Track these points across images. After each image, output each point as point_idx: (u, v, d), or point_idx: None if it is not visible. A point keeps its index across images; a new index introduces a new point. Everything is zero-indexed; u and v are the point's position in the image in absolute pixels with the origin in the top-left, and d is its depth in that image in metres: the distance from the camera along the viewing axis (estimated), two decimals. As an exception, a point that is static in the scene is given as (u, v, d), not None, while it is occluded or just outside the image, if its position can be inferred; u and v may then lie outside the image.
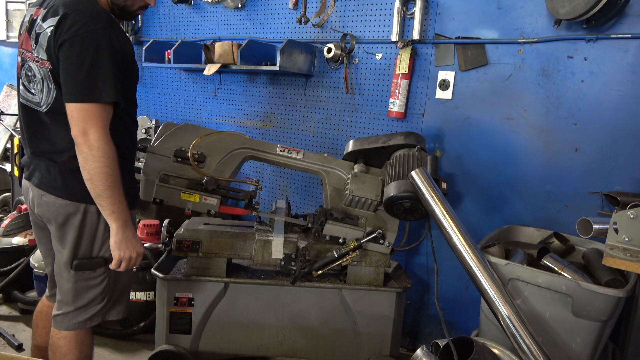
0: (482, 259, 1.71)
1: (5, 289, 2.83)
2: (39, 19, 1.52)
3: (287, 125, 3.04)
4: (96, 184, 1.47)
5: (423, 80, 2.51)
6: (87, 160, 1.46)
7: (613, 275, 1.78)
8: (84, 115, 1.42)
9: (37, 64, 1.53)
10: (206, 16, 3.28)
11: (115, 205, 1.52)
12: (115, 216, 1.53)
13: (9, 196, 4.11)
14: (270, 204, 3.11)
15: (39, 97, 1.56)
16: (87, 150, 1.44)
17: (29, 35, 1.55)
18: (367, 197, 2.12)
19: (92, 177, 1.47)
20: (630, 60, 2.00)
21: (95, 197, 1.51)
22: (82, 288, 1.67)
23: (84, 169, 1.48)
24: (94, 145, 1.44)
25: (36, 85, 1.56)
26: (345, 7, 2.70)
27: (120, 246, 1.57)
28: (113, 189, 1.50)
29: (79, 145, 1.45)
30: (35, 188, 1.62)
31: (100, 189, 1.49)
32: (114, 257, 1.60)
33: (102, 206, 1.52)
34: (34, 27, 1.53)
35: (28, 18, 1.61)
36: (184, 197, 2.05)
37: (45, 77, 1.52)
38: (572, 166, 2.18)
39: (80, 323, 1.70)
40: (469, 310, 2.48)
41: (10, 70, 5.18)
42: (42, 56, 1.50)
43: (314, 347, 2.28)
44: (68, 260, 1.64)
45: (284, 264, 2.12)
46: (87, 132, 1.43)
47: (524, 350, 1.58)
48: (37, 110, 1.58)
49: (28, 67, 1.58)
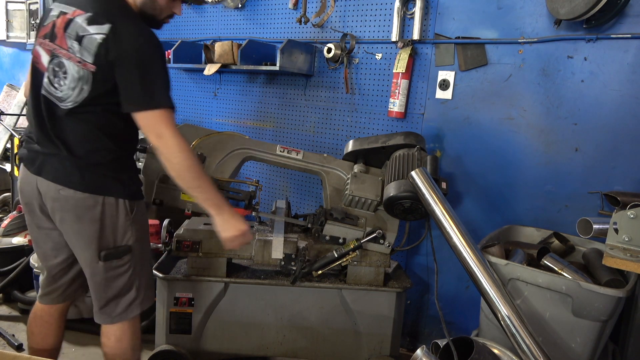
0: (482, 259, 1.71)
1: (5, 289, 2.83)
2: (80, 22, 1.55)
3: (287, 125, 3.04)
4: (184, 177, 1.60)
5: (423, 80, 2.51)
6: (169, 159, 1.57)
7: (613, 275, 1.78)
8: (155, 121, 1.53)
9: (77, 64, 1.54)
10: (206, 16, 3.28)
11: (206, 192, 1.65)
12: (209, 203, 1.67)
13: (9, 196, 4.10)
14: (270, 204, 3.11)
15: (63, 94, 1.57)
16: (167, 150, 1.55)
17: (65, 33, 1.56)
18: (367, 197, 2.12)
19: (179, 173, 1.59)
20: (630, 60, 2.00)
21: (187, 190, 1.65)
22: (111, 277, 1.71)
23: (170, 169, 1.58)
24: (171, 143, 1.54)
25: (64, 82, 1.57)
26: (345, 7, 2.70)
27: (223, 229, 1.72)
28: (200, 178, 1.62)
29: (158, 149, 1.56)
30: (50, 183, 1.62)
31: (189, 182, 1.61)
32: (222, 241, 1.74)
33: (195, 197, 1.67)
34: (74, 28, 1.55)
35: (57, 13, 1.61)
36: (184, 197, 2.05)
37: (83, 78, 1.54)
38: (572, 166, 2.18)
39: (120, 315, 1.74)
40: (469, 310, 2.48)
41: (10, 70, 5.18)
42: (86, 59, 1.53)
43: (314, 347, 2.28)
44: (95, 253, 1.66)
45: (284, 264, 2.12)
46: (162, 135, 1.54)
47: (524, 350, 1.58)
48: (56, 104, 1.59)
49: (59, 63, 1.58)
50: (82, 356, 2.47)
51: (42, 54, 1.64)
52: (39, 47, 1.65)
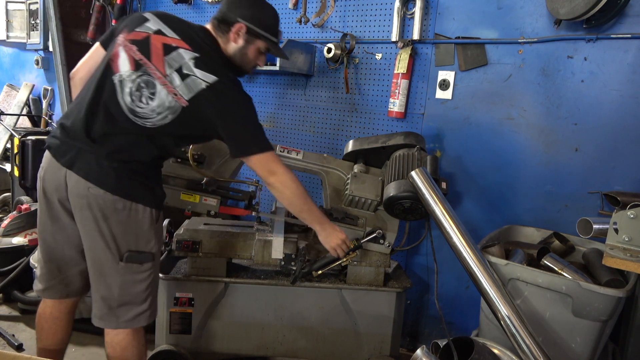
0: (482, 259, 1.71)
1: (5, 289, 2.83)
2: (186, 58, 1.62)
3: (286, 125, 3.04)
4: (295, 204, 1.85)
5: (423, 80, 2.51)
6: (283, 192, 1.78)
7: (613, 275, 1.78)
8: (266, 161, 1.73)
9: (172, 94, 1.62)
10: (206, 16, 3.28)
11: (312, 214, 1.91)
12: (314, 221, 1.94)
13: (9, 196, 4.10)
14: (270, 204, 3.11)
15: (144, 112, 1.63)
16: (280, 184, 1.76)
17: (164, 58, 1.62)
18: (366, 197, 2.12)
19: (292, 201, 1.83)
20: (630, 60, 2.00)
21: (297, 214, 1.91)
22: (129, 282, 1.70)
23: (283, 198, 1.82)
24: (283, 178, 1.76)
25: (150, 103, 1.62)
26: (345, 7, 2.70)
27: (326, 241, 1.99)
28: (307, 203, 1.86)
29: (272, 184, 1.76)
30: (80, 178, 1.61)
31: (299, 208, 1.86)
32: (329, 250, 2.02)
33: (304, 219, 1.94)
34: (178, 60, 1.62)
35: (154, 28, 1.67)
36: (184, 197, 2.05)
37: (172, 108, 1.63)
38: (572, 166, 2.18)
39: (127, 322, 1.73)
40: (469, 310, 2.48)
41: (10, 70, 5.17)
42: (183, 95, 1.61)
43: (314, 347, 2.28)
44: (115, 253, 1.66)
45: (284, 264, 2.12)
46: (274, 172, 1.75)
47: (524, 350, 1.58)
48: (125, 114, 1.63)
49: (148, 82, 1.63)
50: (82, 356, 2.47)
51: (123, 57, 1.66)
52: (122, 49, 1.67)
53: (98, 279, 1.71)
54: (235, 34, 1.76)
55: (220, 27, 1.77)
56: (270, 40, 1.84)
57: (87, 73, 1.80)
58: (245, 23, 1.76)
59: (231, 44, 1.78)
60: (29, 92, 4.70)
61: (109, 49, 1.73)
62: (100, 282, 1.70)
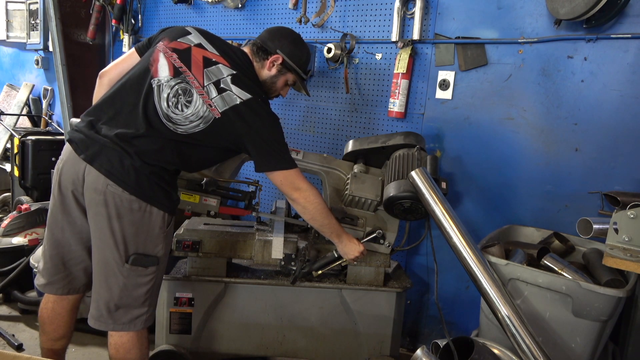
0: (482, 259, 1.71)
1: (5, 289, 2.83)
2: (225, 74, 1.72)
3: (286, 125, 3.04)
4: (317, 219, 1.90)
5: (423, 80, 2.51)
6: (306, 207, 1.85)
7: (613, 275, 1.78)
8: (292, 178, 1.80)
9: (207, 105, 1.69)
10: (206, 16, 3.28)
11: (332, 228, 1.96)
12: (334, 235, 1.98)
13: (9, 196, 4.11)
14: (270, 204, 3.11)
15: (177, 119, 1.69)
16: (304, 200, 1.83)
17: (204, 71, 1.71)
18: (366, 197, 2.12)
19: (314, 216, 1.88)
20: (630, 60, 2.00)
21: (318, 228, 1.97)
22: (131, 285, 1.70)
23: (305, 213, 1.88)
24: (307, 194, 1.83)
25: (185, 110, 1.69)
26: (345, 7, 2.70)
27: (344, 252, 2.04)
28: (328, 217, 1.92)
29: (296, 200, 1.84)
30: (99, 175, 1.62)
31: (320, 222, 1.92)
32: (348, 260, 2.08)
33: (324, 233, 1.98)
34: (216, 74, 1.71)
35: (196, 41, 1.78)
36: (184, 197, 2.05)
37: (205, 118, 1.69)
38: (572, 166, 2.18)
39: (124, 325, 1.73)
40: (469, 310, 2.48)
41: (10, 70, 5.18)
42: (218, 106, 1.69)
43: (314, 347, 2.28)
44: (123, 254, 1.66)
45: (284, 264, 2.12)
46: (298, 188, 1.82)
47: (524, 350, 1.58)
48: (159, 117, 1.68)
49: (186, 90, 1.70)
50: (82, 356, 2.47)
51: (163, 63, 1.72)
52: (162, 55, 1.73)
53: (100, 278, 1.71)
54: (271, 63, 1.89)
55: (259, 53, 1.89)
56: (300, 76, 1.98)
57: (117, 75, 1.85)
58: (283, 56, 1.88)
59: (265, 70, 1.90)
60: (28, 92, 4.70)
61: (147, 53, 1.79)
62: (102, 282, 1.70)
